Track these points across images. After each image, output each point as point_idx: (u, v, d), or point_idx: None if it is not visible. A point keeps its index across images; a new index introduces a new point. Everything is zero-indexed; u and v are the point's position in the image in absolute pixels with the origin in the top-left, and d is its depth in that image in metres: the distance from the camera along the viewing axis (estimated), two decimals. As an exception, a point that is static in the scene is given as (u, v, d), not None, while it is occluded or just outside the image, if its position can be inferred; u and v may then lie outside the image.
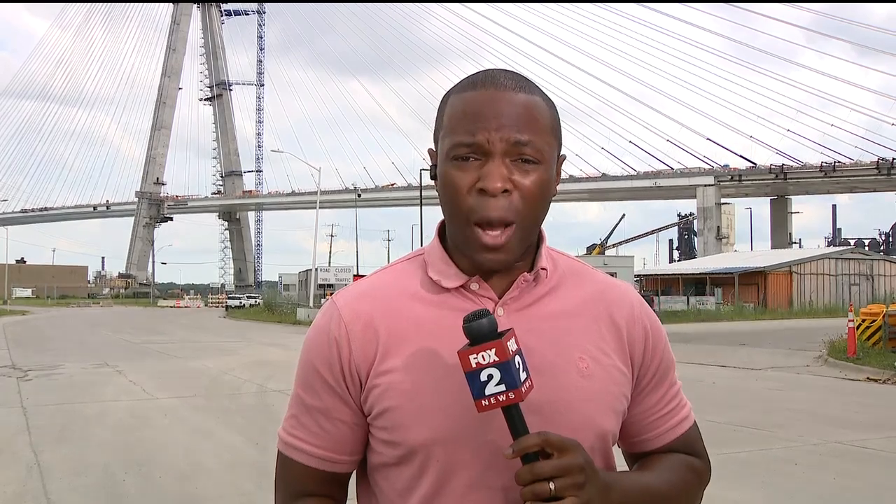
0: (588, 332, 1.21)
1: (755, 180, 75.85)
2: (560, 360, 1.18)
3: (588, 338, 1.21)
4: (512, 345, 1.05)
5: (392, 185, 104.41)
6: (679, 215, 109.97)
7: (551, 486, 1.02)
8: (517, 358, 1.05)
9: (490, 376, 1.03)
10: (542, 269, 1.21)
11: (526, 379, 1.06)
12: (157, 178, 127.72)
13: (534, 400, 1.09)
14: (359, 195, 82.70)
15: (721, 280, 50.78)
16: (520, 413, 1.06)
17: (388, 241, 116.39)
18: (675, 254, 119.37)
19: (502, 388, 1.03)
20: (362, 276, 45.24)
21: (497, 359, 1.03)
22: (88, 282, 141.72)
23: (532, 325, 1.18)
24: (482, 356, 1.03)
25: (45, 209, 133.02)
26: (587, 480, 1.04)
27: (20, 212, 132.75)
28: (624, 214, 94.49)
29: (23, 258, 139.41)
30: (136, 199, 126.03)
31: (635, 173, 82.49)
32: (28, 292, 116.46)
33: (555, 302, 1.22)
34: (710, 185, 76.39)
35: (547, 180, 1.15)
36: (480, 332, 1.04)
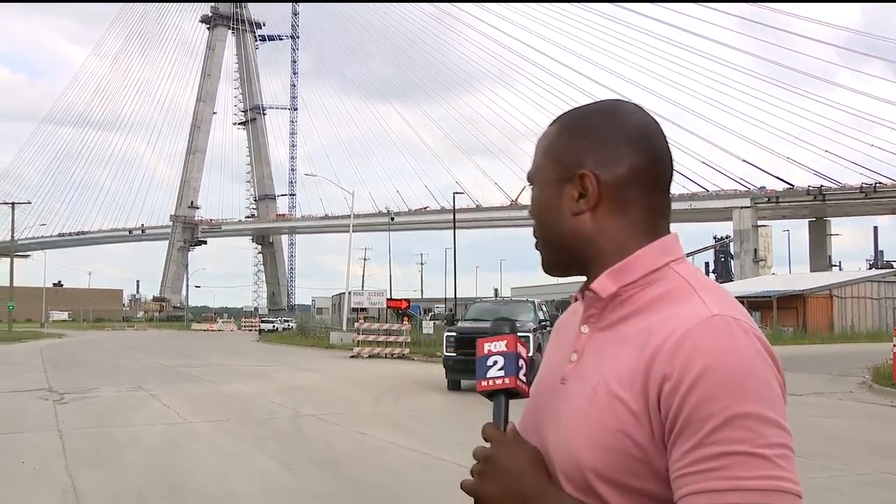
0: (620, 360, 1.17)
1: (793, 202, 75.00)
2: (583, 384, 1.21)
3: (617, 366, 1.17)
4: (521, 349, 1.27)
5: (425, 208, 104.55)
6: (715, 238, 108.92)
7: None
8: (521, 360, 1.26)
9: (495, 362, 1.25)
10: (589, 290, 1.25)
11: (525, 382, 1.25)
12: (192, 202, 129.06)
13: (535, 413, 1.27)
14: (392, 219, 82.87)
15: (759, 303, 50.14)
16: (506, 406, 1.25)
17: (422, 264, 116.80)
18: (712, 277, 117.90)
19: (501, 373, 1.24)
20: (395, 299, 44.34)
21: (505, 349, 1.25)
22: (123, 305, 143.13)
23: (599, 346, 1.22)
24: (494, 345, 1.26)
25: (82, 233, 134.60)
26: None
27: (57, 235, 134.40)
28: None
29: (60, 282, 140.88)
30: (170, 223, 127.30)
31: (670, 195, 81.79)
32: (65, 315, 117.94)
33: (628, 326, 1.21)
34: (746, 208, 75.67)
35: (538, 200, 1.31)
36: (499, 329, 1.29)
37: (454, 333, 17.79)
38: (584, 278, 1.29)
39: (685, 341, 1.11)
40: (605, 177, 1.24)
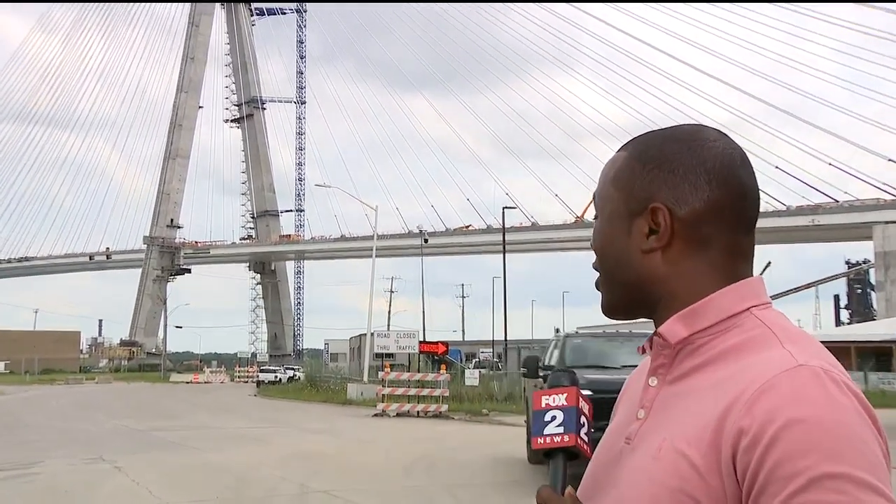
0: (689, 415, 1.29)
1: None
2: (648, 442, 1.33)
3: (686, 421, 1.29)
4: (583, 404, 1.41)
5: (467, 227, 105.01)
6: (848, 263, 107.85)
7: None
8: (583, 417, 1.40)
9: (553, 417, 1.39)
10: (657, 336, 1.39)
11: (586, 441, 1.38)
12: (172, 220, 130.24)
13: (597, 475, 1.40)
14: (425, 240, 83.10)
15: (914, 352, 49.04)
16: (564, 467, 1.37)
17: (463, 297, 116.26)
18: (844, 314, 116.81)
19: (560, 430, 1.37)
20: (430, 342, 44.35)
21: (565, 403, 1.39)
22: (81, 351, 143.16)
23: (668, 401, 1.36)
24: (553, 398, 1.40)
25: (26, 259, 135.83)
26: None
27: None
28: (769, 262, 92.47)
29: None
30: (144, 246, 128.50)
31: (784, 208, 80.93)
32: (0, 366, 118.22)
33: (701, 377, 1.33)
34: (892, 223, 74.46)
35: (602, 233, 1.46)
36: (558, 381, 1.43)
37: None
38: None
39: (766, 391, 1.20)
40: (679, 212, 1.37)
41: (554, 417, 1.37)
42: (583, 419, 1.39)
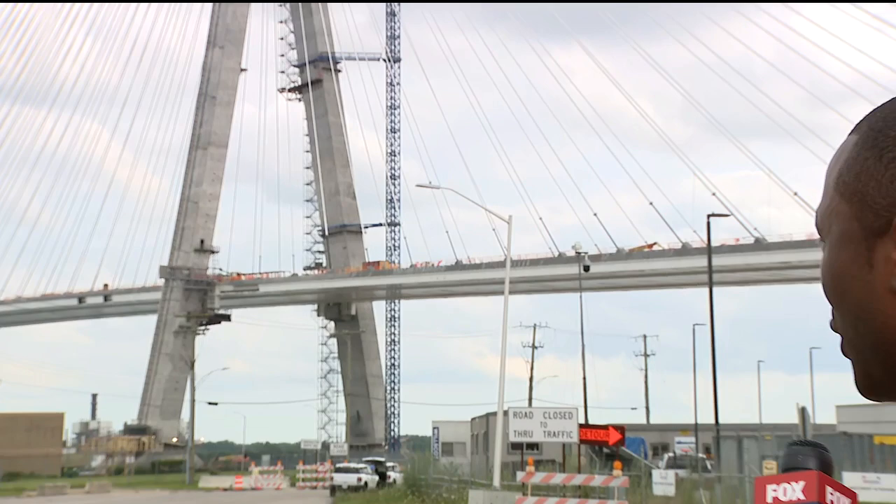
0: None
1: None
2: None
3: None
4: (835, 497, 1.29)
5: (649, 246, 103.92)
6: None
7: None
8: None
9: None
10: None
11: None
12: (202, 242, 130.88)
13: None
14: (586, 267, 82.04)
15: None
16: None
17: (645, 356, 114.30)
18: None
19: None
20: (596, 426, 43.99)
21: (802, 497, 1.28)
22: (65, 444, 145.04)
23: None
24: (784, 489, 1.30)
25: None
26: None
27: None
28: None
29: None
30: (160, 282, 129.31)
31: None
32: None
33: None
34: None
35: (831, 266, 1.37)
36: (795, 461, 1.34)
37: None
38: None
39: None
40: None
41: None
42: None
